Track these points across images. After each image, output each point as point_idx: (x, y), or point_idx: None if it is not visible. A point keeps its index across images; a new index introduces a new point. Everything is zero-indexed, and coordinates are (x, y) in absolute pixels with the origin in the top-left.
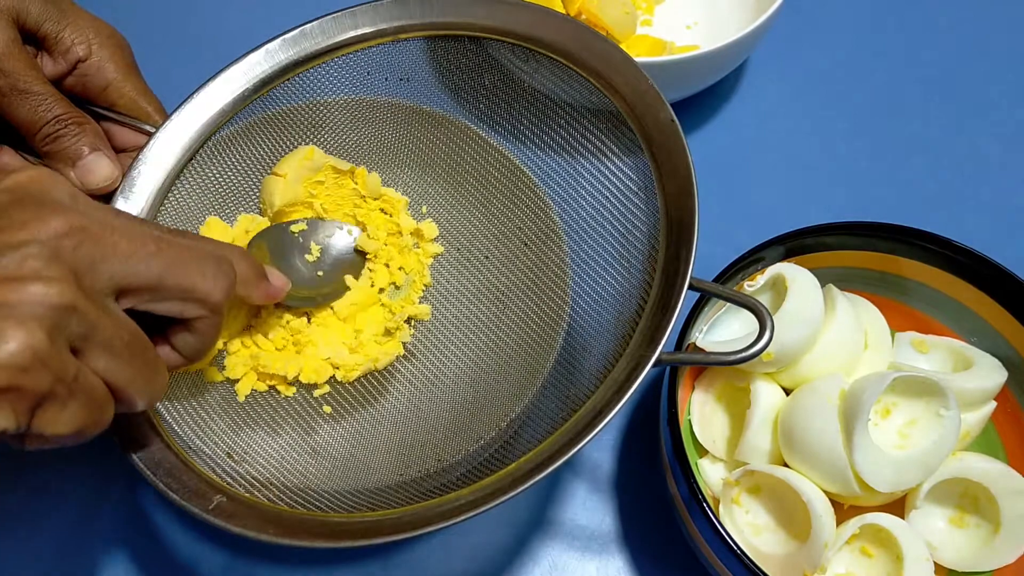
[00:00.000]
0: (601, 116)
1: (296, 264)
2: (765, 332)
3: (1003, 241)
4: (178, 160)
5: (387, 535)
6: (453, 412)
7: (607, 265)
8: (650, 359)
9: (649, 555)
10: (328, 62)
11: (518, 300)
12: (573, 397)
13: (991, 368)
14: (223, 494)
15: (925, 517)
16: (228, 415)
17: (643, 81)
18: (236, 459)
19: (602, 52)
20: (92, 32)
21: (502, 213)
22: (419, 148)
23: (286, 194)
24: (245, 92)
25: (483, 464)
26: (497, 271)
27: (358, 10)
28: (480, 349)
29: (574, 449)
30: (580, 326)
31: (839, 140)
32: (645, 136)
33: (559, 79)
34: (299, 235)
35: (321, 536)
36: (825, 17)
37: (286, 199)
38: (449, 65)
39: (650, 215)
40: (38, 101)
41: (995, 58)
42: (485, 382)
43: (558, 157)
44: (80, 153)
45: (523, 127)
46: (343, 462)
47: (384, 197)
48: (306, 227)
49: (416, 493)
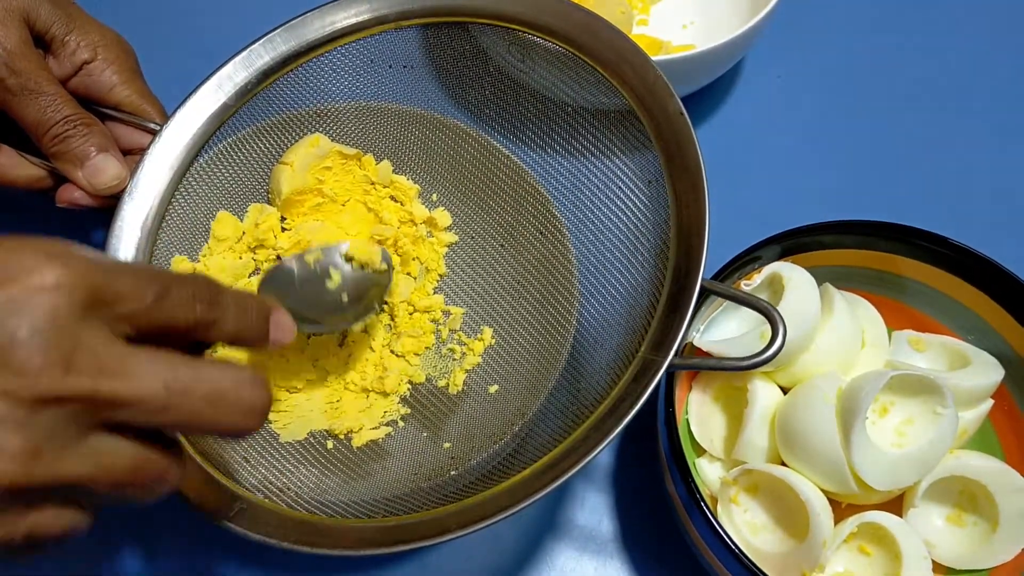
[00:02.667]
0: (606, 112)
1: (320, 294)
2: (778, 337)
3: (1000, 240)
4: (184, 157)
5: (405, 544)
6: (467, 404)
7: (617, 258)
8: (662, 365)
9: (647, 554)
10: (330, 52)
11: (527, 299)
12: (584, 399)
13: (988, 366)
14: (243, 501)
15: (923, 515)
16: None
17: (652, 71)
18: (252, 464)
19: (610, 41)
20: (98, 36)
21: (508, 216)
22: (424, 154)
23: (294, 181)
24: (248, 85)
25: (497, 467)
26: (505, 274)
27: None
28: (492, 348)
29: (590, 456)
30: (590, 320)
31: (835, 139)
32: (655, 129)
33: (564, 75)
34: (316, 265)
35: (342, 544)
36: (821, 16)
37: (294, 186)
38: (452, 51)
39: (657, 213)
40: (47, 101)
41: (994, 57)
42: (499, 372)
43: (563, 156)
44: (88, 154)
45: (526, 127)
46: (358, 460)
47: (395, 184)
48: (322, 256)
49: (431, 499)
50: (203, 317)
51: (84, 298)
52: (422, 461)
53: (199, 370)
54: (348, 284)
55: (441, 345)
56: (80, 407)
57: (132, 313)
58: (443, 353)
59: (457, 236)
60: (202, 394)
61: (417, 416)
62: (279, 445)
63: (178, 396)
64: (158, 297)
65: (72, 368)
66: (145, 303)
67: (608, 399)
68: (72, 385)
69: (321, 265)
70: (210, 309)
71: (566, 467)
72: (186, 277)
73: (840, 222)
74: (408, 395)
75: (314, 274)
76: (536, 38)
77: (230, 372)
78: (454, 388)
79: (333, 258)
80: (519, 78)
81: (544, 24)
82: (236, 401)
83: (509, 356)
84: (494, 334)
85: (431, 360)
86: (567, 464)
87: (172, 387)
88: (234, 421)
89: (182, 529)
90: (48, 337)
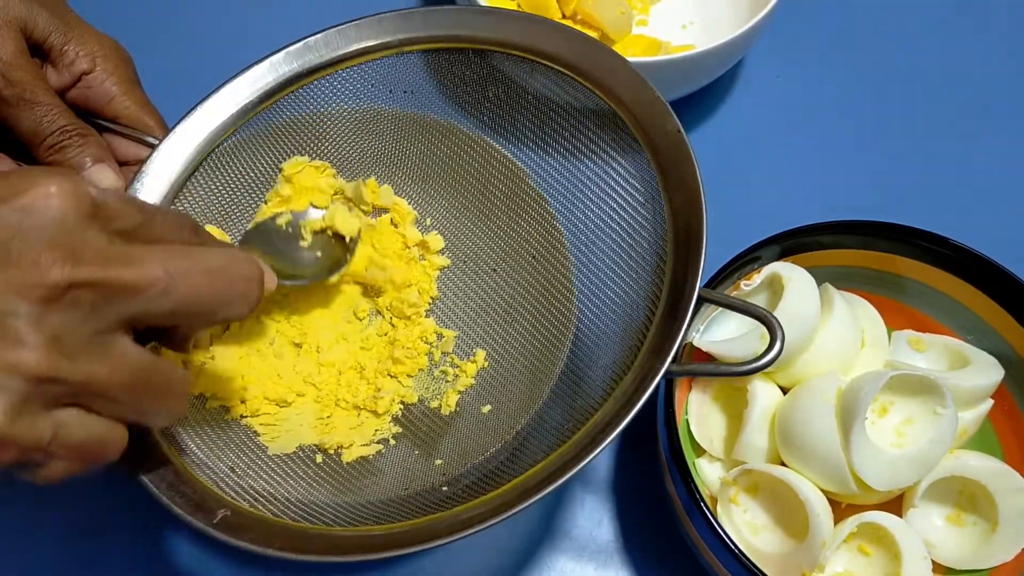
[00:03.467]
0: (606, 124)
1: (295, 254)
2: (775, 343)
3: (1000, 239)
4: (181, 173)
5: (395, 549)
6: (459, 423)
7: (613, 275)
8: (659, 371)
9: (648, 555)
10: (332, 75)
11: (523, 311)
12: (580, 409)
13: (988, 366)
14: (227, 507)
15: (923, 515)
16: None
17: (649, 92)
18: (239, 473)
19: (607, 65)
20: (96, 45)
21: (506, 224)
22: (422, 160)
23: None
24: (248, 105)
25: (489, 476)
26: (502, 282)
27: (363, 23)
28: (485, 370)
29: (583, 463)
30: (586, 336)
31: (835, 139)
32: (651, 147)
33: (563, 88)
34: (287, 226)
35: (328, 551)
36: (820, 16)
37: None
38: (452, 77)
39: (656, 224)
40: (43, 111)
41: (994, 56)
42: (491, 393)
43: (562, 166)
44: (83, 164)
45: (526, 136)
46: (347, 475)
47: (396, 207)
48: (291, 217)
49: (422, 505)
50: (190, 241)
51: (87, 208)
52: (413, 477)
53: (194, 252)
54: (319, 244)
55: (434, 367)
56: (92, 298)
57: (127, 229)
58: (435, 375)
59: (449, 260)
60: (200, 270)
61: (409, 435)
62: (267, 457)
63: (180, 276)
64: (148, 219)
65: (80, 259)
66: (138, 221)
67: (605, 406)
68: (82, 274)
69: (292, 227)
70: (195, 235)
71: (561, 472)
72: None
73: (840, 222)
74: (400, 415)
75: (287, 234)
76: (534, 62)
77: (220, 251)
78: (447, 409)
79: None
80: (522, 86)
81: (541, 50)
82: (232, 274)
83: (503, 376)
84: (487, 356)
85: (423, 381)
86: (562, 469)
87: (172, 269)
88: (235, 293)
89: (182, 529)
90: (57, 235)
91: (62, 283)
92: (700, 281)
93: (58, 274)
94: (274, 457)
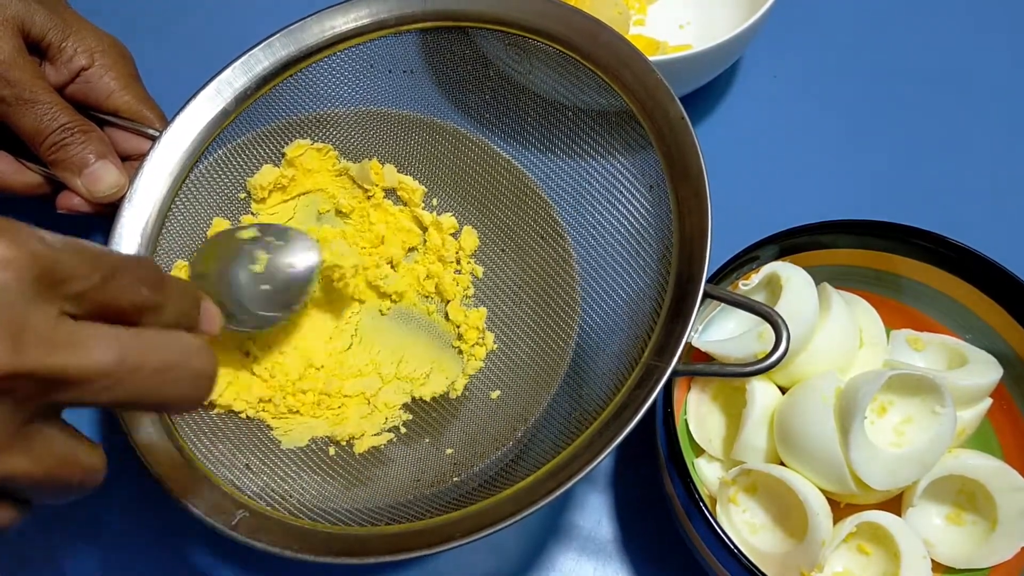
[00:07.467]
0: (607, 116)
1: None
2: (781, 343)
3: (998, 238)
4: (183, 164)
5: (414, 550)
6: (468, 409)
7: (618, 269)
8: (665, 371)
9: (647, 555)
10: (329, 57)
11: (529, 306)
12: (587, 405)
13: (986, 365)
14: (245, 508)
15: (922, 515)
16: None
17: (652, 76)
18: (255, 471)
19: (609, 44)
20: (95, 42)
21: (509, 221)
22: (424, 161)
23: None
24: (247, 90)
25: (499, 475)
26: (506, 279)
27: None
28: (494, 356)
29: (595, 462)
30: (592, 331)
31: (833, 138)
32: (656, 133)
33: (564, 78)
34: (249, 242)
35: (345, 552)
36: (818, 15)
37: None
38: (452, 56)
39: (659, 218)
40: (44, 110)
41: (992, 55)
42: (500, 378)
43: (564, 159)
44: (86, 161)
45: (527, 131)
46: (360, 466)
47: (402, 184)
48: (257, 233)
49: (436, 505)
50: (148, 300)
51: (32, 277)
52: (424, 467)
53: (148, 341)
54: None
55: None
56: (29, 390)
57: (79, 293)
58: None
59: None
60: (153, 366)
61: (419, 422)
62: (281, 452)
63: (130, 369)
64: (105, 278)
65: (21, 346)
66: (92, 283)
67: (611, 405)
68: (23, 364)
69: (250, 247)
70: (154, 293)
71: (570, 473)
72: (131, 260)
73: (837, 222)
74: (409, 401)
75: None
76: (536, 42)
77: (177, 341)
78: (455, 393)
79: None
80: (519, 81)
81: (544, 29)
82: (186, 371)
83: (511, 361)
84: (496, 339)
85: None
86: (571, 470)
87: (124, 360)
88: (183, 392)
89: (182, 530)
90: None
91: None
92: (706, 273)
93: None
94: (288, 452)
